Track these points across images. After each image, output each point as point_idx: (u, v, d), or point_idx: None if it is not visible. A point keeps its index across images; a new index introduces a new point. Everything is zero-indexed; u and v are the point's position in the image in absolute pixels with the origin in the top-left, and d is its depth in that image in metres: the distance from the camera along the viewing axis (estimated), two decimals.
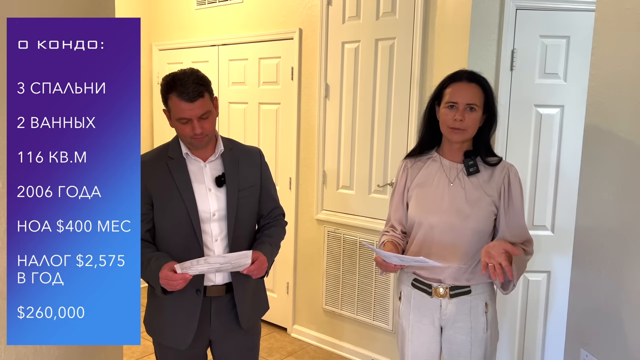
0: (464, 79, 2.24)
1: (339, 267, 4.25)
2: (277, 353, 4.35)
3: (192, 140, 2.20)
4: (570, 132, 3.34)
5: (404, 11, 3.68)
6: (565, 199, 3.39)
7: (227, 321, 2.35)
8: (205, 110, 2.15)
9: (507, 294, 2.27)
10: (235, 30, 4.82)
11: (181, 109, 2.13)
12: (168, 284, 2.07)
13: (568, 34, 3.28)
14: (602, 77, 1.81)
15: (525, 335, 3.57)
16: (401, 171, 2.44)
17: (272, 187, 2.52)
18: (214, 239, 2.28)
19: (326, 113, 4.20)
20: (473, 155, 2.27)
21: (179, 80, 2.12)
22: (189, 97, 2.10)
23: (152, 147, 5.49)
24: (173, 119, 2.20)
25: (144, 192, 2.22)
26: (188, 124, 2.16)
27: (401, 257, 2.10)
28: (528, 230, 2.30)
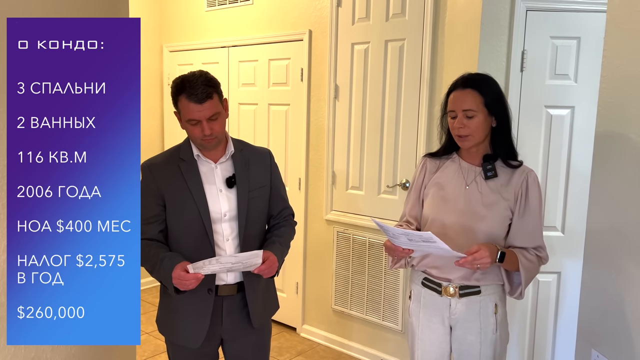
0: (460, 85, 2.25)
1: (348, 267, 4.24)
2: (287, 353, 4.35)
3: (202, 142, 2.23)
4: (581, 133, 3.31)
5: (413, 12, 3.67)
6: (575, 200, 3.36)
7: (239, 320, 2.37)
8: (214, 111, 2.18)
9: (515, 297, 2.25)
10: (245, 31, 4.83)
11: (190, 110, 2.16)
12: (181, 284, 2.11)
13: (579, 35, 3.25)
14: (613, 78, 1.80)
15: (535, 336, 3.54)
16: (420, 168, 2.46)
17: (281, 187, 2.54)
18: (225, 239, 2.31)
19: (336, 114, 4.19)
20: (492, 159, 2.26)
21: (188, 82, 2.15)
22: (198, 99, 2.13)
23: (162, 148, 5.53)
24: (183, 120, 2.23)
25: (156, 193, 2.28)
26: (197, 126, 2.19)
27: (408, 232, 2.05)
28: (542, 236, 2.27)
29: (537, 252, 2.25)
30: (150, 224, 2.27)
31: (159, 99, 5.69)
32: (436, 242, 2.02)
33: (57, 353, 1.77)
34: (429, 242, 2.05)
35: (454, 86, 2.26)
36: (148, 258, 2.22)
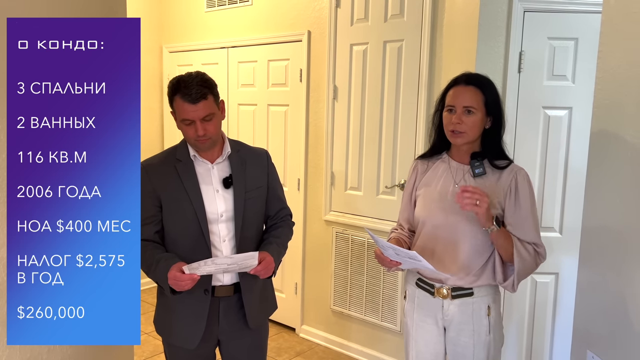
0: (462, 82, 2.25)
1: (347, 268, 4.25)
2: (286, 353, 4.35)
3: (195, 142, 2.24)
4: (579, 134, 3.32)
5: (412, 13, 3.67)
6: (573, 200, 3.37)
7: (235, 321, 2.37)
8: (208, 112, 2.18)
9: (507, 288, 2.23)
10: (244, 32, 4.83)
11: (184, 110, 2.17)
12: (176, 284, 2.11)
13: (576, 36, 3.26)
14: (608, 79, 1.80)
15: (533, 336, 3.55)
16: (411, 171, 2.49)
17: (279, 188, 2.54)
18: (221, 240, 2.30)
19: (334, 115, 4.19)
20: (480, 157, 2.27)
21: (183, 82, 2.16)
22: (192, 99, 2.14)
23: (162, 149, 5.52)
24: (178, 120, 2.24)
25: (152, 194, 2.27)
26: (191, 126, 2.19)
27: (396, 248, 2.09)
28: (538, 234, 2.26)
29: (534, 247, 2.23)
30: (146, 224, 2.26)
31: (159, 100, 5.69)
32: (422, 262, 2.06)
33: (53, 355, 1.76)
34: (414, 260, 2.08)
35: (455, 82, 2.27)
36: (144, 259, 2.21)
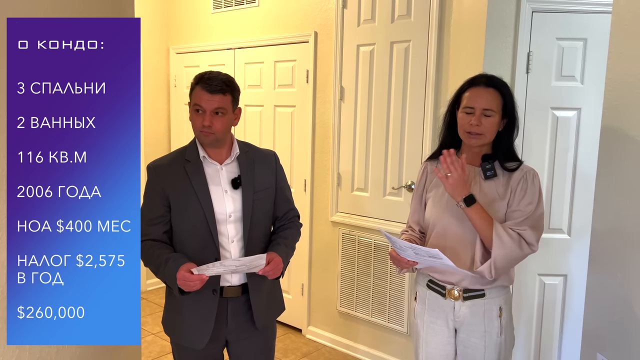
0: (482, 83, 2.23)
1: (354, 269, 4.23)
2: (292, 354, 4.35)
3: (199, 133, 2.26)
4: (587, 135, 3.29)
5: (419, 14, 3.66)
6: (581, 202, 3.34)
7: (243, 322, 2.37)
8: (221, 105, 2.21)
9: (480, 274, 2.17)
10: (251, 33, 4.83)
11: (199, 97, 2.21)
12: (185, 285, 2.11)
13: (585, 36, 3.24)
14: (618, 80, 1.79)
15: (541, 339, 3.52)
16: (421, 173, 2.48)
17: (287, 189, 2.54)
18: (230, 240, 2.31)
19: (341, 115, 4.19)
20: (491, 159, 2.26)
21: (208, 75, 2.24)
22: (210, 89, 2.20)
23: (169, 150, 5.53)
24: (191, 106, 2.27)
25: (161, 194, 2.29)
26: (200, 115, 2.23)
27: (415, 247, 2.07)
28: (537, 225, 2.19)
29: (522, 235, 2.15)
30: (154, 224, 2.27)
31: (166, 101, 5.70)
32: (442, 259, 2.03)
33: (62, 355, 1.77)
34: (435, 258, 2.06)
35: (473, 83, 2.25)
36: (153, 259, 2.23)
